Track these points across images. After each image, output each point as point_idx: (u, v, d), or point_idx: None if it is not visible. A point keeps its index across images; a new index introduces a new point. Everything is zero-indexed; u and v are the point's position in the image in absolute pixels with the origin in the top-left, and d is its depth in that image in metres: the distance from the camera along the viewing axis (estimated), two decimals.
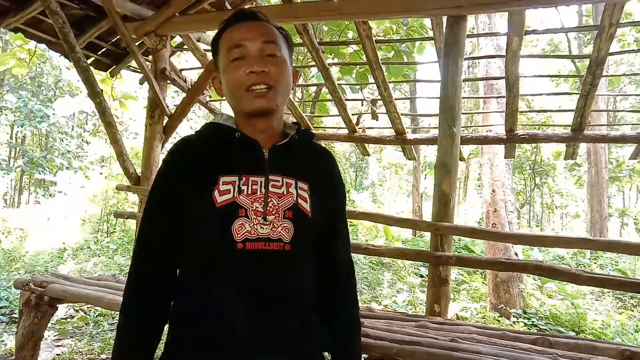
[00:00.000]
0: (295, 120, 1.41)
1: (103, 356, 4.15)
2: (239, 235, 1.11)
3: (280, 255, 1.14)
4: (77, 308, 5.56)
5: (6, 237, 11.36)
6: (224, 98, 1.32)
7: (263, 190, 1.16)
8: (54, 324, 4.81)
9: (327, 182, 1.29)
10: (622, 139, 4.99)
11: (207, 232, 1.14)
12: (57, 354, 4.09)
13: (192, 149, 1.24)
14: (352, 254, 1.43)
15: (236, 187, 1.15)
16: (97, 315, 5.37)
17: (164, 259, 1.20)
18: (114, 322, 5.16)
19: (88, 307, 5.52)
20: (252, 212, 1.13)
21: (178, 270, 1.23)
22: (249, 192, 1.15)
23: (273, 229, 1.14)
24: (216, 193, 1.13)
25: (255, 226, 1.13)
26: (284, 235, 1.14)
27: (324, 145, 1.43)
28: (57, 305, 3.11)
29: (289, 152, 1.24)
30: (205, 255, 1.16)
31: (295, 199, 1.18)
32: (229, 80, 1.21)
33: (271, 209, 1.15)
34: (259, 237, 1.12)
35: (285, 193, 1.18)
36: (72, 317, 5.35)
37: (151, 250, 1.21)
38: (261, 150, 1.21)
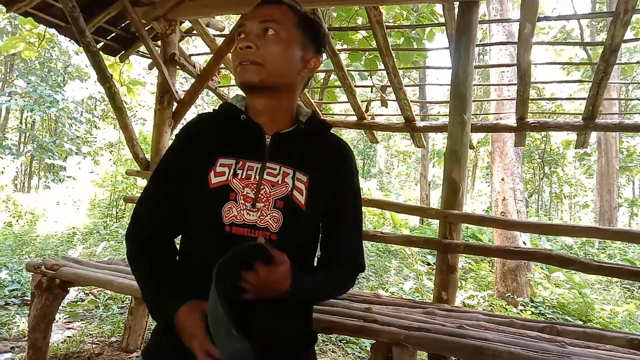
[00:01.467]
0: (312, 110, 1.38)
1: (113, 339, 4.20)
2: (226, 219, 1.13)
3: None
4: (87, 291, 5.63)
5: (17, 221, 11.49)
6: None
7: (257, 176, 1.16)
8: (65, 307, 4.87)
9: (334, 176, 1.25)
10: (635, 128, 4.93)
11: (199, 210, 1.17)
12: (67, 336, 4.15)
13: (202, 127, 1.27)
14: None
15: (232, 170, 1.16)
16: (107, 299, 5.44)
17: (161, 221, 1.22)
18: (123, 305, 5.23)
19: (98, 291, 5.59)
20: (242, 197, 1.14)
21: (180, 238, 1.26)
22: (243, 176, 1.16)
23: (260, 217, 1.13)
24: (212, 174, 1.16)
25: (242, 211, 1.13)
26: (271, 224, 1.14)
27: (341, 138, 1.36)
28: (68, 289, 3.15)
29: (294, 141, 1.23)
30: (197, 232, 1.18)
31: (289, 189, 1.16)
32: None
33: (262, 197, 1.15)
34: (245, 223, 1.13)
35: (280, 182, 1.17)
36: (83, 300, 5.41)
37: (150, 211, 1.24)
38: (264, 135, 1.22)
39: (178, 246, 1.27)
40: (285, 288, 1.08)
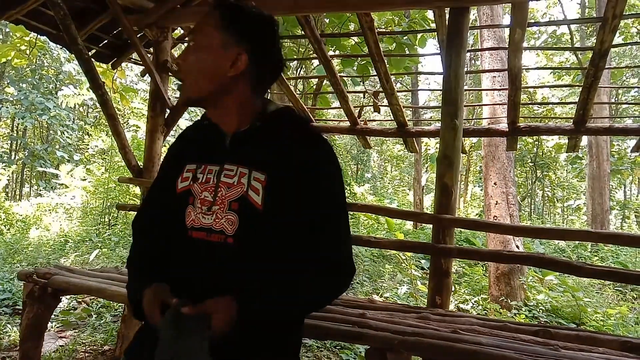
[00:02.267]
0: (287, 105, 1.34)
1: (106, 347, 4.17)
2: (187, 222, 1.16)
3: (221, 248, 1.11)
4: (80, 300, 5.58)
5: (8, 229, 11.39)
6: None
7: (215, 179, 1.16)
8: (57, 316, 4.83)
9: (304, 174, 1.15)
10: (624, 132, 4.98)
11: (170, 215, 1.22)
12: (60, 345, 4.11)
13: (185, 135, 1.35)
14: (353, 246, 1.35)
15: (194, 175, 1.19)
16: (99, 307, 5.39)
17: (153, 228, 1.30)
18: (116, 313, 5.19)
19: (91, 299, 5.55)
20: (199, 201, 1.15)
21: None
22: (203, 180, 1.17)
23: (215, 220, 1.13)
24: (179, 180, 1.21)
25: (198, 215, 1.15)
26: (226, 227, 1.12)
27: (316, 133, 1.26)
28: (61, 297, 3.13)
29: (253, 139, 1.19)
30: (169, 236, 1.23)
31: (245, 190, 1.12)
32: None
33: (218, 200, 1.14)
34: (202, 227, 1.14)
35: (235, 183, 1.14)
36: (75, 308, 5.37)
37: (142, 217, 1.36)
38: (224, 137, 1.22)
39: None
40: (233, 319, 1.03)
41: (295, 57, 8.08)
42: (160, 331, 1.04)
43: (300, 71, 9.45)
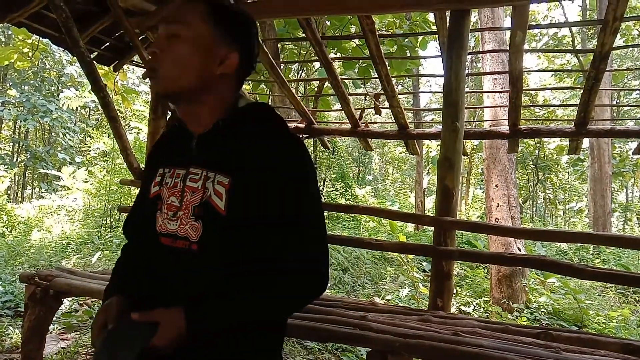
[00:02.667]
0: (255, 101, 1.25)
1: None
2: (157, 228, 1.14)
3: (186, 254, 1.07)
4: (82, 302, 5.59)
5: (10, 231, 11.40)
6: None
7: (182, 184, 1.12)
8: (59, 318, 4.83)
9: (266, 174, 1.07)
10: (626, 134, 4.98)
11: (142, 220, 1.20)
12: (61, 347, 4.12)
13: (161, 138, 1.34)
14: (355, 248, 1.32)
15: (162, 179, 1.17)
16: None
17: (139, 229, 1.27)
18: None
19: (92, 301, 5.55)
20: (165, 207, 1.13)
21: None
22: (171, 185, 1.13)
23: (180, 226, 1.09)
24: (152, 185, 1.18)
25: (164, 221, 1.12)
26: (190, 233, 1.08)
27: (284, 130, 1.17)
28: (62, 299, 3.13)
29: (219, 141, 1.13)
30: (140, 240, 1.24)
31: (209, 195, 1.07)
32: None
33: (184, 205, 1.10)
34: (169, 233, 1.11)
35: (199, 188, 1.08)
36: (77, 311, 5.37)
37: (127, 223, 1.35)
38: (191, 140, 1.16)
39: None
40: (181, 330, 1.00)
41: (296, 59, 8.10)
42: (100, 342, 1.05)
43: (301, 73, 9.46)
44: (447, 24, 3.62)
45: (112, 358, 0.99)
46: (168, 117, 4.43)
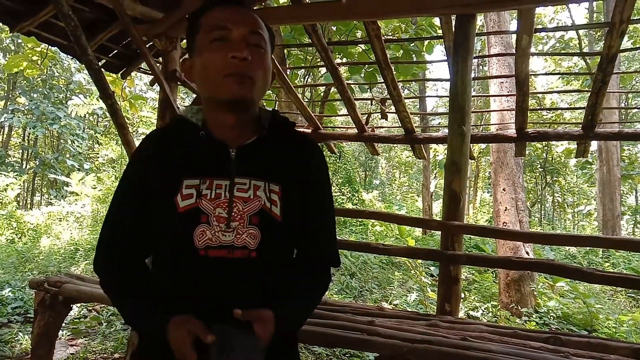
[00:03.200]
0: (272, 109, 1.30)
1: (116, 355, 4.19)
2: (200, 242, 1.06)
3: (245, 263, 1.08)
4: (90, 308, 5.62)
5: (19, 238, 11.49)
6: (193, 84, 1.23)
7: (227, 194, 1.09)
8: (68, 324, 4.86)
9: (304, 178, 1.17)
10: (634, 137, 4.94)
11: (170, 236, 1.10)
12: (70, 353, 4.14)
13: (158, 145, 1.17)
14: (362, 253, 1.38)
15: (198, 191, 1.08)
16: (109, 315, 5.42)
17: (130, 248, 1.15)
18: None
19: (101, 307, 5.58)
20: (214, 219, 1.07)
21: (151, 258, 1.20)
22: (213, 196, 1.08)
23: (237, 236, 1.07)
24: (179, 197, 1.08)
25: (217, 233, 1.07)
26: (249, 242, 1.08)
27: (306, 134, 1.30)
28: (71, 305, 3.15)
29: (259, 150, 1.15)
30: (167, 258, 1.12)
31: (263, 203, 1.10)
32: (205, 63, 1.10)
33: (235, 215, 1.08)
34: (222, 245, 1.07)
35: (252, 197, 1.09)
36: (85, 317, 5.40)
37: (115, 238, 1.16)
38: (227, 150, 1.13)
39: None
40: (272, 330, 1.03)
41: (302, 65, 8.13)
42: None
43: (307, 79, 9.49)
44: (453, 28, 3.62)
45: None
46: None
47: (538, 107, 12.32)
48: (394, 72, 4.57)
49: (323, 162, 1.25)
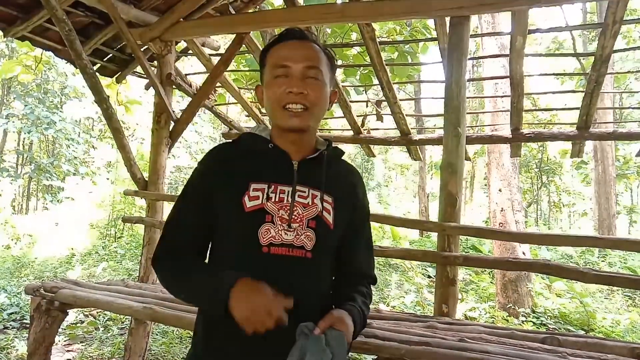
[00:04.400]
0: (327, 138, 1.46)
1: None
2: (264, 240, 1.20)
3: (301, 262, 1.22)
4: (87, 313, 5.59)
5: (15, 243, 11.44)
6: (264, 109, 1.40)
7: (290, 199, 1.24)
8: (64, 329, 4.84)
9: (351, 199, 1.36)
10: (629, 136, 4.97)
11: (236, 233, 1.24)
12: (67, 359, 4.12)
13: (227, 156, 1.33)
14: None
15: (265, 194, 1.23)
16: (106, 320, 5.40)
17: (189, 240, 1.30)
18: (123, 326, 5.19)
19: (97, 312, 5.56)
20: (278, 219, 1.21)
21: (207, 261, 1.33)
22: (277, 199, 1.23)
23: (297, 237, 1.22)
24: (246, 198, 1.22)
25: (280, 232, 1.21)
26: (306, 243, 1.22)
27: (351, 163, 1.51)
28: (67, 311, 3.14)
29: (318, 166, 1.31)
30: (234, 255, 1.25)
31: (319, 210, 1.25)
32: (269, 96, 1.28)
33: (296, 218, 1.23)
34: (283, 243, 1.21)
35: (310, 204, 1.26)
36: (82, 322, 5.38)
37: (176, 238, 1.30)
38: (291, 161, 1.29)
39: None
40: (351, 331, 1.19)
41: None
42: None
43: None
44: (447, 30, 3.63)
45: None
46: (171, 127, 4.44)
47: (532, 108, 12.33)
48: (389, 74, 4.58)
49: (365, 191, 1.44)
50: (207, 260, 1.33)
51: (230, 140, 1.40)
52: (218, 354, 1.19)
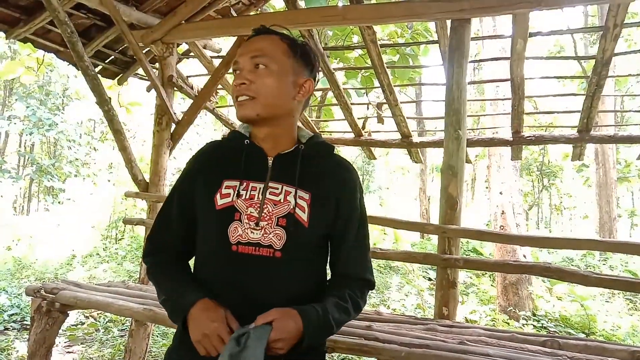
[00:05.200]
0: (314, 132, 1.45)
1: None
2: (232, 238, 1.19)
3: (268, 261, 1.19)
4: (87, 314, 5.60)
5: (16, 244, 11.45)
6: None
7: (260, 196, 1.22)
8: (65, 331, 4.84)
9: (335, 195, 1.28)
10: (630, 140, 4.96)
11: (208, 231, 1.25)
12: None
13: (210, 153, 1.35)
14: None
15: (236, 191, 1.23)
16: (107, 322, 5.40)
17: (175, 242, 1.33)
18: (123, 328, 5.19)
19: (98, 314, 5.56)
20: (246, 217, 1.20)
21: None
22: (247, 197, 1.22)
23: (264, 235, 1.19)
24: (218, 196, 1.23)
25: (246, 230, 1.19)
26: (275, 242, 1.19)
27: (343, 158, 1.42)
28: (68, 312, 3.14)
29: (294, 161, 1.28)
30: (206, 252, 1.27)
31: (292, 207, 1.22)
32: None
33: (265, 216, 1.20)
34: (250, 242, 1.19)
35: (282, 201, 1.22)
36: (83, 323, 5.38)
37: (163, 231, 1.34)
38: (265, 157, 1.28)
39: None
40: (300, 329, 1.11)
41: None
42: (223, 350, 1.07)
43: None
44: (448, 33, 3.63)
45: None
46: (172, 129, 4.45)
47: (533, 111, 12.33)
48: (390, 77, 4.58)
49: (357, 184, 1.35)
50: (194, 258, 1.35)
51: (220, 139, 1.41)
52: (191, 345, 1.16)
